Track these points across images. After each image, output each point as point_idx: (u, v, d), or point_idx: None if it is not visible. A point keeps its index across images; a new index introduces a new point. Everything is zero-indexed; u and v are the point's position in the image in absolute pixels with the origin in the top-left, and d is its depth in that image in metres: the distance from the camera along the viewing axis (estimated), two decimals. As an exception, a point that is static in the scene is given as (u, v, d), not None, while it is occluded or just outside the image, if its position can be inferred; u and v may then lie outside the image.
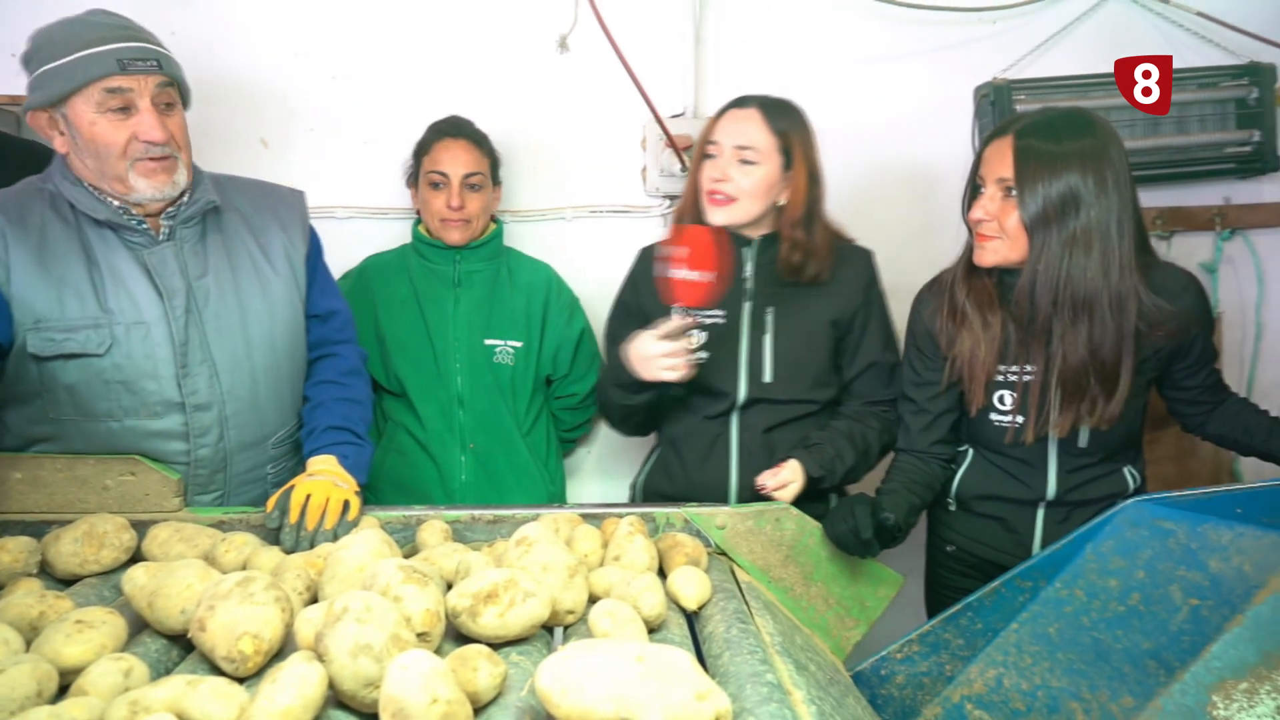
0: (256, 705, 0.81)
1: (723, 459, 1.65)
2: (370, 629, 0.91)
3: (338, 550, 1.13)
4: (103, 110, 1.28)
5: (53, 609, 1.07)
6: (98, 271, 1.33)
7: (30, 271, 1.30)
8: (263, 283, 1.45)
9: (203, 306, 1.38)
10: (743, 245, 1.64)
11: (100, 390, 1.33)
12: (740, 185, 1.58)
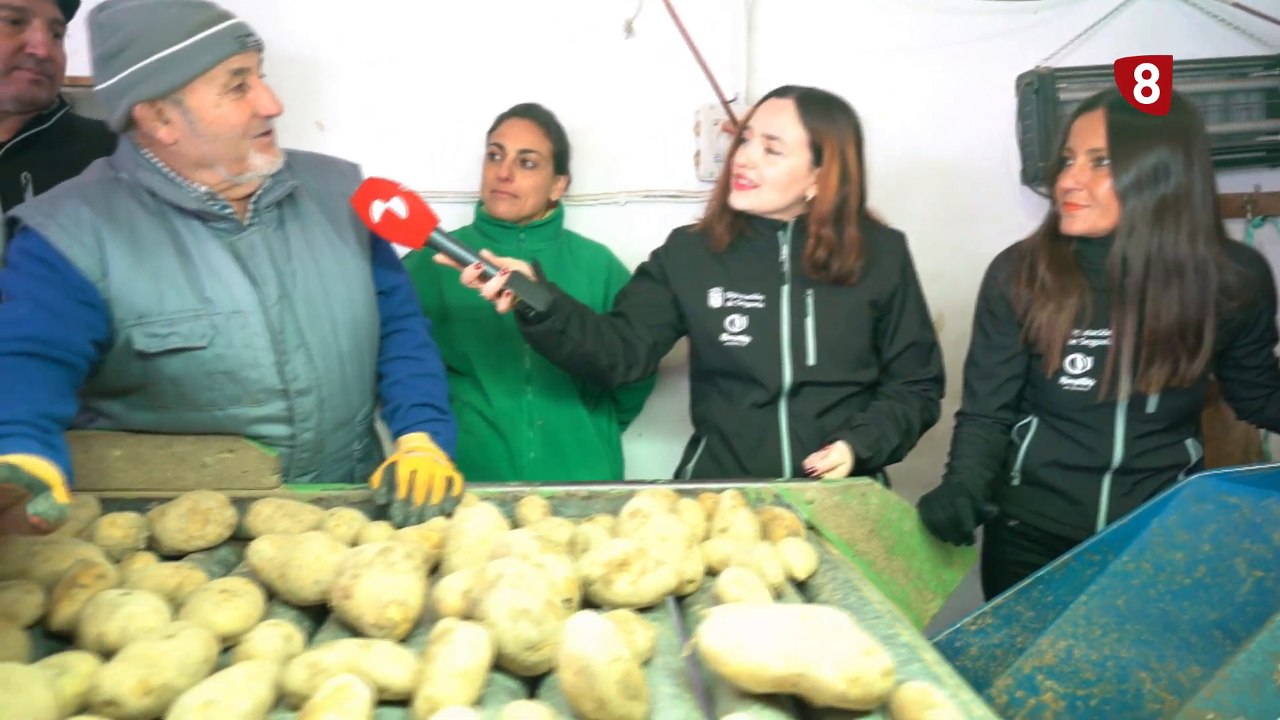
0: (435, 666, 0.83)
1: (774, 447, 1.68)
2: (526, 594, 0.93)
3: (459, 523, 1.15)
4: (225, 91, 1.27)
5: (189, 579, 1.08)
6: (190, 262, 1.31)
7: (127, 267, 1.28)
8: (340, 262, 1.44)
9: (292, 291, 1.37)
10: (777, 229, 1.66)
11: (204, 381, 1.33)
12: (764, 173, 1.61)
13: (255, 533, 1.27)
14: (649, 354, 1.67)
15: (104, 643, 0.91)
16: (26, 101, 1.62)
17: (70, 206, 1.28)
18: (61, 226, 1.25)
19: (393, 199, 1.40)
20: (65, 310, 1.23)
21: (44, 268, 1.24)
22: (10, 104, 1.61)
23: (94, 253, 1.26)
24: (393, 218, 1.40)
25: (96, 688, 0.81)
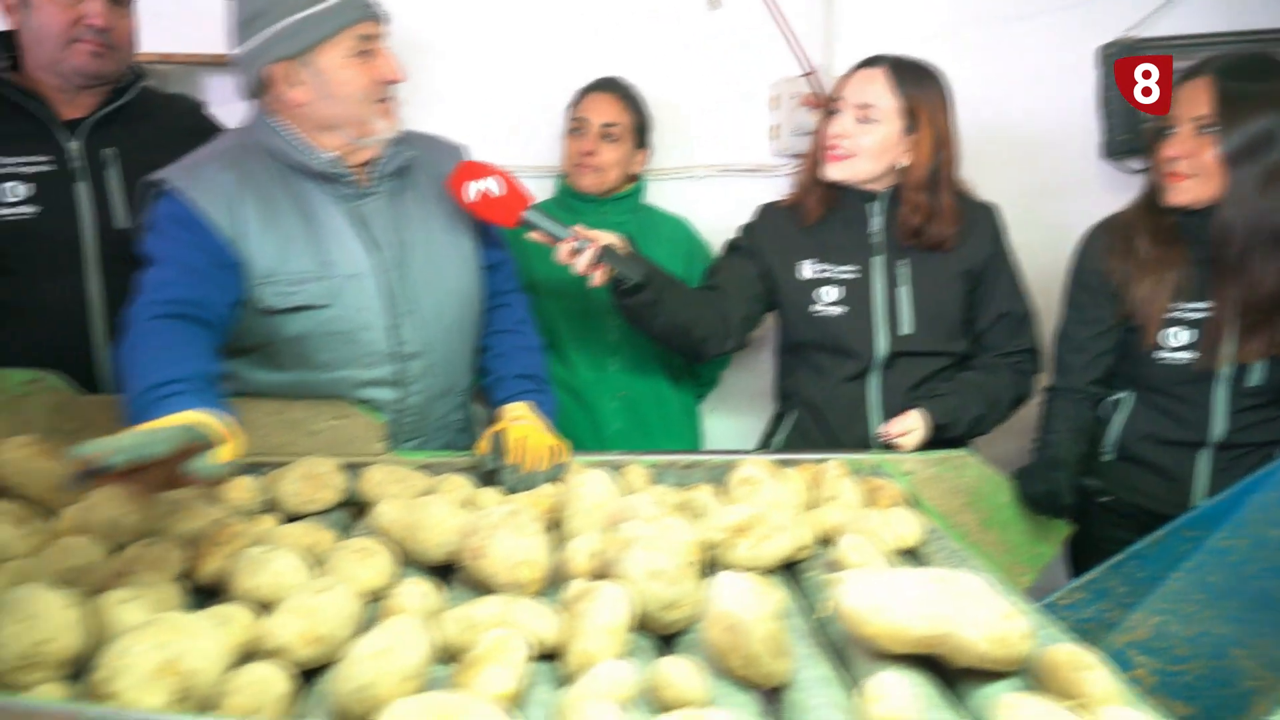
0: (584, 623, 0.86)
1: (865, 421, 1.68)
2: (661, 555, 0.95)
3: (575, 488, 1.18)
4: (351, 55, 1.33)
5: (321, 539, 1.12)
6: (314, 225, 1.37)
7: (258, 229, 1.33)
8: (452, 234, 1.49)
9: (407, 258, 1.42)
10: (867, 200, 1.67)
11: (322, 341, 1.37)
12: (859, 143, 1.61)
13: (366, 497, 1.30)
14: (741, 326, 1.68)
15: (256, 595, 0.95)
16: (90, 75, 1.60)
17: (208, 171, 1.34)
18: (201, 190, 1.31)
19: (487, 179, 1.44)
20: (207, 272, 1.29)
21: (186, 231, 1.30)
22: (74, 77, 1.59)
23: (230, 215, 1.32)
24: (487, 197, 1.44)
25: (264, 637, 0.84)
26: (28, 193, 1.56)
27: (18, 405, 1.33)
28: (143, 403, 1.07)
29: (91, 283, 1.60)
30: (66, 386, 1.36)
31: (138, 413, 1.08)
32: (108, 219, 1.61)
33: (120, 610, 0.84)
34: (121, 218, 1.61)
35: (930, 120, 1.60)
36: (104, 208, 1.61)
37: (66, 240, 1.58)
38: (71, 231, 1.58)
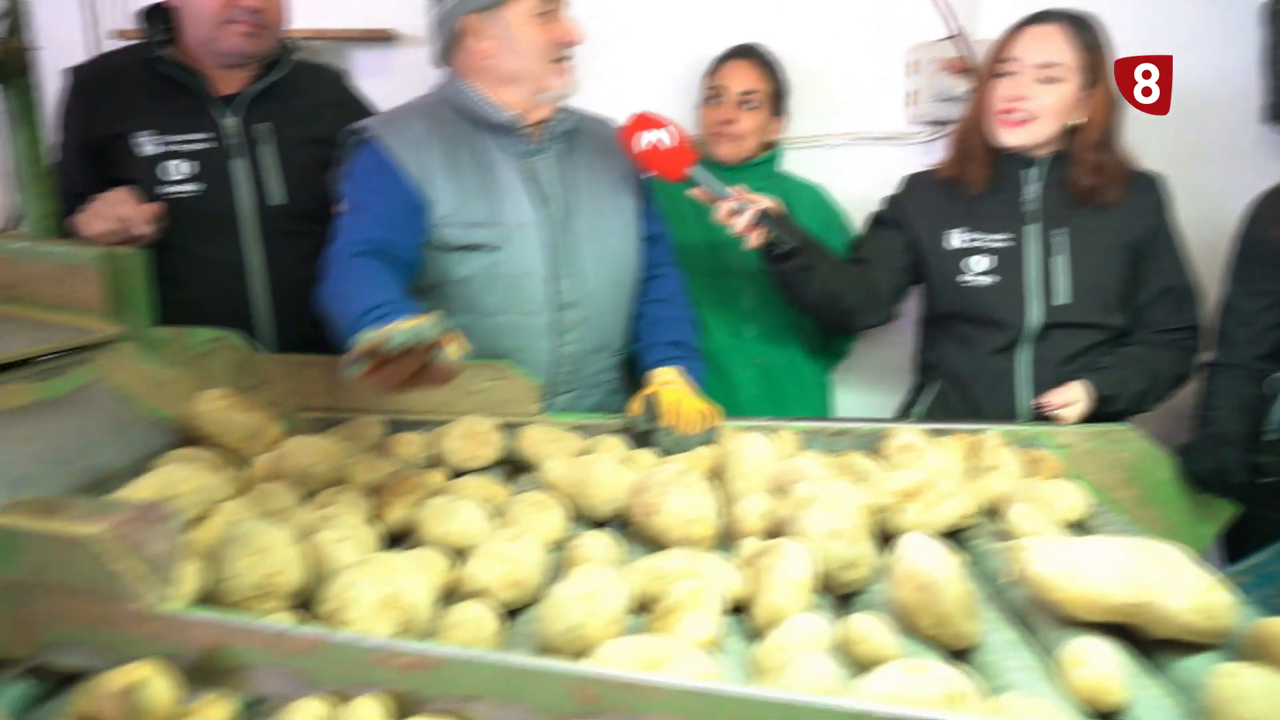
0: (770, 578, 0.87)
1: (1012, 394, 1.64)
2: (839, 516, 0.96)
3: (737, 450, 1.19)
4: (534, 14, 1.43)
5: (496, 492, 1.16)
6: (490, 176, 1.45)
7: (442, 176, 1.43)
8: (616, 198, 1.55)
9: (572, 215, 1.49)
10: (1025, 166, 1.62)
11: (487, 285, 1.44)
12: (1041, 104, 1.56)
13: (523, 456, 1.35)
14: (890, 298, 1.67)
15: (446, 541, 1.00)
16: (244, 54, 1.64)
17: (403, 121, 1.46)
18: (396, 138, 1.43)
19: (660, 130, 1.47)
20: (399, 216, 1.39)
21: (381, 177, 1.41)
22: (228, 57, 1.63)
23: (418, 161, 1.42)
24: (658, 148, 1.47)
25: (466, 579, 0.89)
26: (190, 170, 1.63)
27: (202, 362, 1.42)
28: (360, 325, 1.12)
29: (250, 254, 1.67)
30: (245, 345, 1.44)
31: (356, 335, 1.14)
32: (263, 193, 1.67)
33: (335, 549, 0.90)
34: (275, 193, 1.67)
35: (1106, 75, 1.56)
36: (259, 183, 1.67)
37: (226, 215, 1.65)
38: (230, 206, 1.65)
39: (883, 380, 2.25)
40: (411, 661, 0.66)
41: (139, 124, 1.61)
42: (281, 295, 1.68)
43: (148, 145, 1.61)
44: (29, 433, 1.10)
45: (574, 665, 0.65)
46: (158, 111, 1.62)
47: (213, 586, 0.84)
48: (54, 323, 1.33)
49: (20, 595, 0.76)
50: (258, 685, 0.72)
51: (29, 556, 0.75)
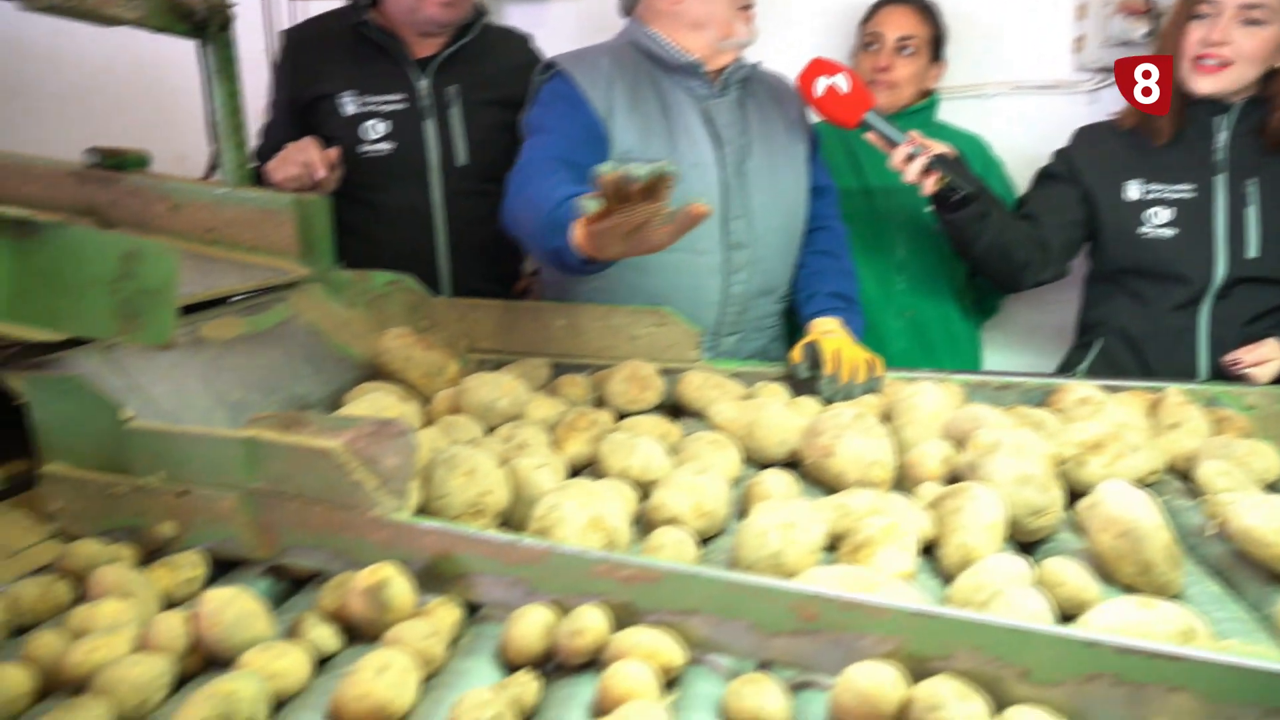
0: (961, 519, 0.87)
1: (1190, 354, 1.56)
2: (1028, 461, 0.95)
3: (909, 398, 1.19)
4: None
5: (669, 431, 1.20)
6: (670, 116, 1.49)
7: (625, 112, 1.47)
8: (788, 147, 1.56)
9: (745, 158, 1.51)
10: (1216, 113, 1.53)
11: None
12: (1241, 48, 1.47)
13: (684, 400, 1.37)
14: (1061, 254, 1.63)
15: (629, 475, 1.03)
16: (444, 24, 1.71)
17: (591, 57, 1.51)
18: (583, 72, 1.48)
19: (837, 75, 1.47)
20: (582, 143, 1.43)
21: (568, 105, 1.46)
22: (427, 26, 1.71)
23: (605, 96, 1.46)
24: (834, 93, 1.45)
25: (658, 508, 0.92)
26: (386, 130, 1.73)
27: (380, 303, 1.50)
28: (556, 215, 1.18)
29: (435, 211, 1.77)
30: (420, 288, 1.51)
31: (554, 226, 1.19)
32: (450, 154, 1.76)
33: (534, 474, 0.94)
34: (460, 153, 1.76)
35: None
36: (447, 143, 1.76)
37: (416, 173, 1.75)
38: (421, 165, 1.74)
39: (1031, 341, 2.19)
40: (635, 574, 0.70)
41: (343, 85, 1.72)
42: (460, 250, 1.78)
43: (350, 105, 1.72)
44: (240, 363, 1.19)
45: (797, 584, 0.67)
46: (360, 73, 1.72)
47: (425, 505, 0.89)
48: (253, 263, 1.43)
49: (263, 502, 0.83)
50: (481, 592, 0.77)
51: (272, 467, 0.82)
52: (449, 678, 0.68)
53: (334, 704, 0.63)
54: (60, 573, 0.81)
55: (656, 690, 0.63)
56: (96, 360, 0.98)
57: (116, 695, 0.63)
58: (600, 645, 0.68)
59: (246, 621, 0.70)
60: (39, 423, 0.89)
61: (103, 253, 0.87)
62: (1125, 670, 0.59)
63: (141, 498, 0.86)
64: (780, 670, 0.69)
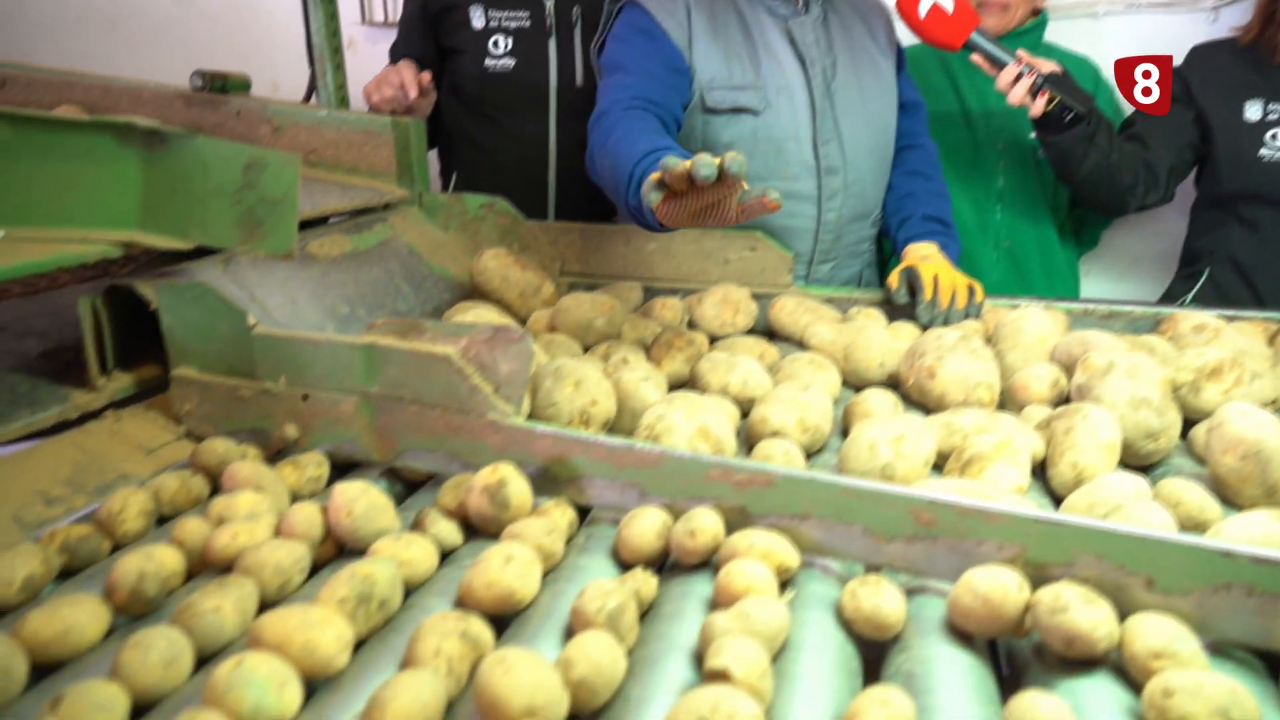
0: (1075, 438, 0.86)
1: None
2: (1144, 384, 0.92)
3: (1014, 321, 1.16)
4: None
5: (767, 351, 1.19)
6: (753, 39, 1.44)
7: (706, 40, 1.43)
8: (875, 65, 1.50)
9: (832, 79, 1.46)
10: None
11: (751, 149, 1.44)
12: None
13: (776, 325, 1.37)
14: (1169, 177, 1.56)
15: (728, 393, 1.04)
16: None
17: None
18: (658, 2, 1.43)
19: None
20: (662, 76, 1.40)
21: (646, 39, 1.42)
22: None
23: (683, 25, 1.43)
24: (939, 13, 1.40)
25: (763, 420, 0.92)
26: (509, 46, 1.75)
27: (474, 226, 1.52)
28: (635, 173, 1.16)
29: (551, 131, 1.79)
30: (513, 212, 1.53)
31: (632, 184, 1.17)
32: (570, 74, 1.77)
33: (639, 386, 0.96)
34: (579, 76, 1.77)
35: None
36: (567, 64, 1.77)
37: (536, 91, 1.77)
38: (542, 83, 1.76)
39: (1131, 272, 2.11)
40: (749, 478, 0.71)
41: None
42: (567, 175, 1.79)
43: (478, 18, 1.74)
44: (345, 279, 1.23)
45: (914, 489, 0.67)
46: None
47: (533, 415, 0.92)
48: (353, 184, 1.46)
49: (381, 406, 0.86)
50: (594, 495, 0.79)
51: (390, 372, 0.85)
52: (567, 573, 0.70)
53: (463, 590, 0.66)
54: (194, 469, 0.86)
55: (774, 587, 0.64)
56: (217, 271, 1.02)
57: (261, 576, 0.67)
58: (715, 546, 0.70)
59: (375, 513, 0.73)
60: (169, 328, 0.93)
61: (227, 162, 0.90)
62: (1260, 581, 0.58)
63: (266, 401, 0.90)
64: (893, 576, 0.69)
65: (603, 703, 0.55)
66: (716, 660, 0.54)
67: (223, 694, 0.52)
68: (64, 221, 0.90)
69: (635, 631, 0.62)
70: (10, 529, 0.75)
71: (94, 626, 0.61)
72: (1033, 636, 0.63)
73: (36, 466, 0.82)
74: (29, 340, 1.04)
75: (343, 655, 0.58)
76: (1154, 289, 2.04)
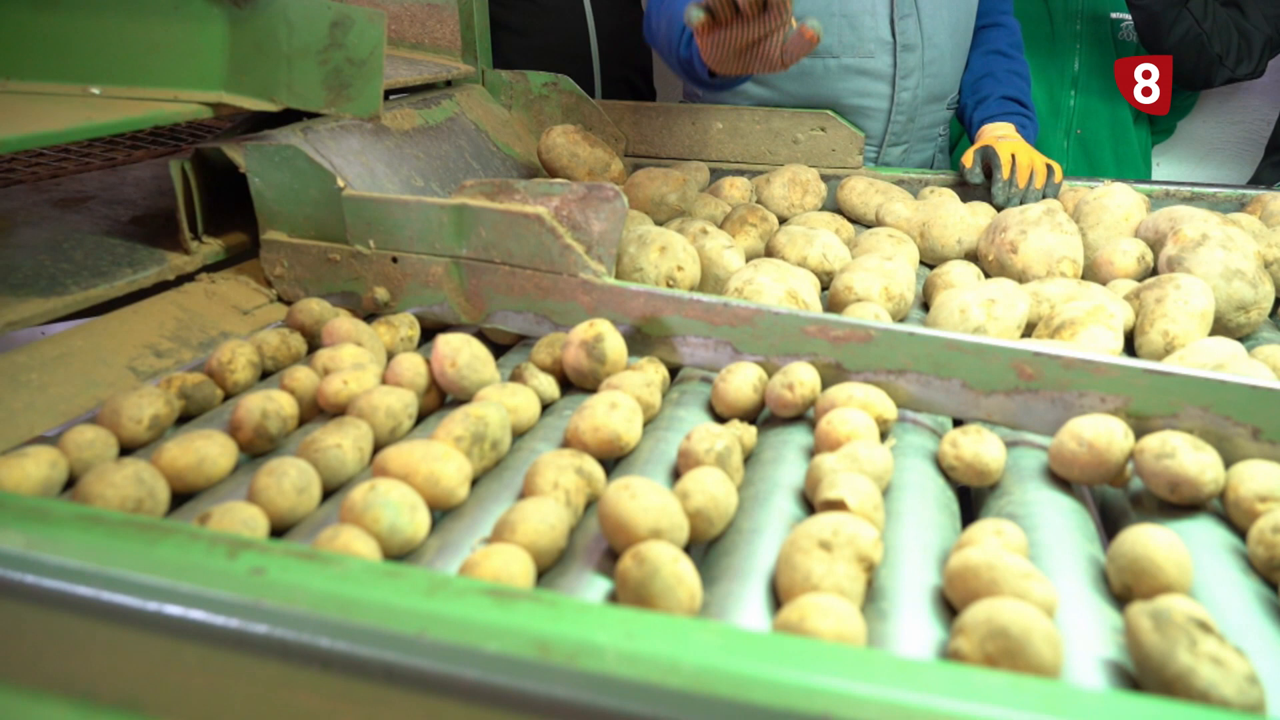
0: (1166, 307, 0.85)
1: None
2: (1238, 255, 0.91)
3: (1098, 199, 1.13)
4: None
5: (844, 227, 1.19)
6: None
7: None
8: None
9: None
10: None
11: (826, 23, 1.39)
12: None
13: (846, 205, 1.35)
14: (1264, 48, 1.48)
15: (808, 264, 1.04)
16: None
17: None
18: None
19: None
20: None
21: None
22: None
23: None
24: None
25: (848, 289, 0.93)
26: None
27: (538, 105, 1.50)
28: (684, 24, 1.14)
29: (588, 14, 1.77)
30: (578, 90, 1.50)
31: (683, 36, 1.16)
32: None
33: (722, 254, 0.96)
34: None
35: None
36: None
37: None
38: None
39: (1209, 161, 2.05)
40: (847, 333, 0.71)
41: None
42: (608, 56, 1.78)
43: None
44: (418, 153, 1.22)
45: (1016, 342, 0.67)
46: None
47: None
48: (419, 60, 1.44)
49: (471, 268, 0.88)
50: (686, 354, 0.81)
51: (481, 233, 0.86)
52: (666, 422, 0.72)
53: (569, 434, 0.68)
54: (291, 328, 0.88)
55: (876, 434, 0.65)
56: (298, 139, 1.02)
57: (374, 420, 0.69)
58: (813, 399, 0.71)
59: (479, 364, 0.75)
60: (258, 192, 0.94)
61: (312, 20, 0.89)
62: (1373, 430, 0.58)
63: (356, 264, 0.92)
64: (990, 429, 0.70)
65: (718, 533, 0.58)
66: (832, 492, 0.55)
67: (360, 513, 0.55)
68: (153, 81, 0.90)
69: (741, 474, 0.64)
70: (127, 376, 0.78)
71: (224, 459, 0.64)
72: (1130, 488, 0.64)
73: (144, 322, 0.85)
74: (118, 208, 1.06)
75: (463, 488, 0.61)
76: (1228, 178, 1.99)
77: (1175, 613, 0.42)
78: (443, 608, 0.39)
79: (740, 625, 0.47)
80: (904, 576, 0.53)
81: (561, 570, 0.55)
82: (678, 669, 0.35)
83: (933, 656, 0.47)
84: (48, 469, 0.60)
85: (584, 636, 0.36)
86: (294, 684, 0.41)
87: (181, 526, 0.46)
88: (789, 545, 0.51)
